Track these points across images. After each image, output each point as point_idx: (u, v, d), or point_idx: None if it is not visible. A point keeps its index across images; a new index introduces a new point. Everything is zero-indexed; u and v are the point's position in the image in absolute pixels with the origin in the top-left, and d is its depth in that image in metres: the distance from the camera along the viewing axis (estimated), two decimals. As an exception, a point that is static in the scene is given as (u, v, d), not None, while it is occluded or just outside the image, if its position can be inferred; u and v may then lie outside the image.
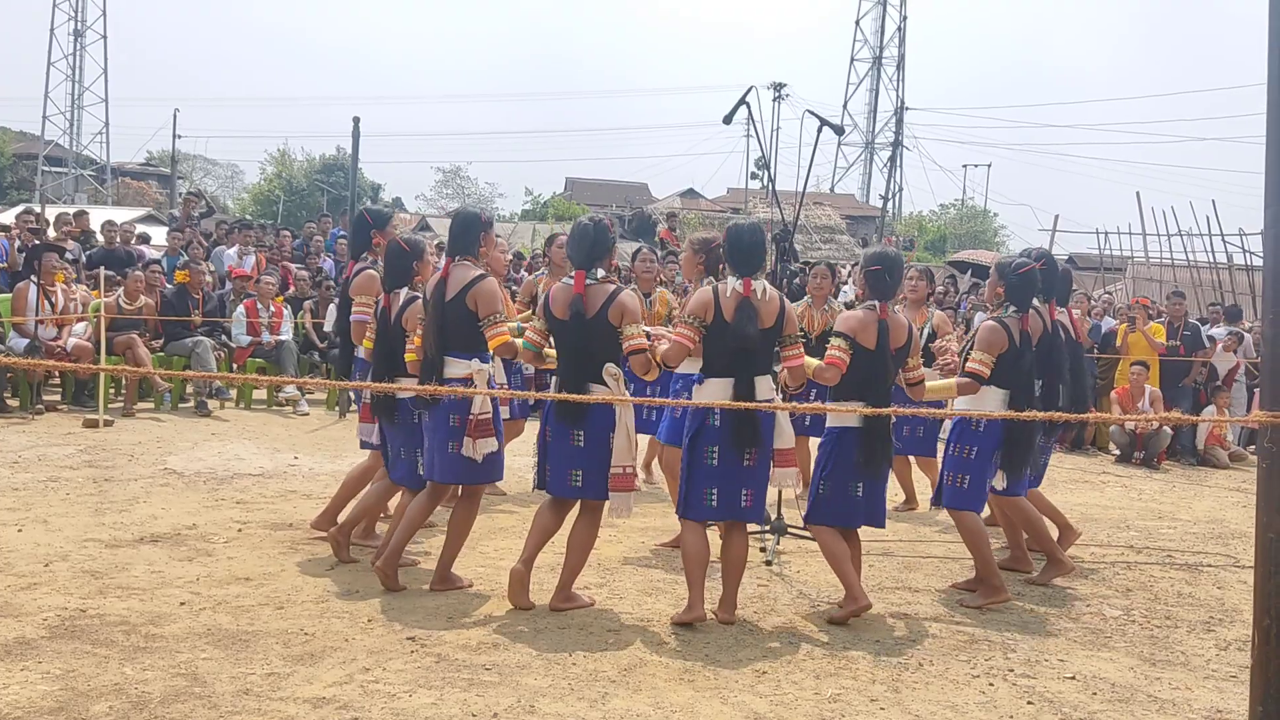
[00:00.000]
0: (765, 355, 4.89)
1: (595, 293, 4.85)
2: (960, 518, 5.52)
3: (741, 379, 4.79)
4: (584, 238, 4.93)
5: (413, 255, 5.49)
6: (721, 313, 4.79)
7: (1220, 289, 19.98)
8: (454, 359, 5.06)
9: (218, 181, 64.74)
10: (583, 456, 4.86)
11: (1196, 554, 7.01)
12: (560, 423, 4.87)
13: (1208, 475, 10.96)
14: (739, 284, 4.81)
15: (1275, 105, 2.58)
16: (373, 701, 3.79)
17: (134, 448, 8.57)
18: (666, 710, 3.85)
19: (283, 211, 45.50)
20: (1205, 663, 4.73)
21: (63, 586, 4.95)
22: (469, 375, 5.05)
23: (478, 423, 5.00)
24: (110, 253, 12.75)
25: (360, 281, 5.96)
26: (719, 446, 4.80)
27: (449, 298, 5.04)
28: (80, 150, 56.78)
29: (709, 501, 4.85)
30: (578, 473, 4.87)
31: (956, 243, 48.19)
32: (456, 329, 5.04)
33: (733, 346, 4.77)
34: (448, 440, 5.05)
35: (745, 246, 4.91)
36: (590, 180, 56.46)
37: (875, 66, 60.93)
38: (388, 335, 5.40)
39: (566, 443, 4.87)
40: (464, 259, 5.15)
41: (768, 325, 4.82)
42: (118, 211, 23.77)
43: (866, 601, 4.96)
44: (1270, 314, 2.61)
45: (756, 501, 4.92)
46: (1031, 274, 5.59)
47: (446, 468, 5.10)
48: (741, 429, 4.76)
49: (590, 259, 4.91)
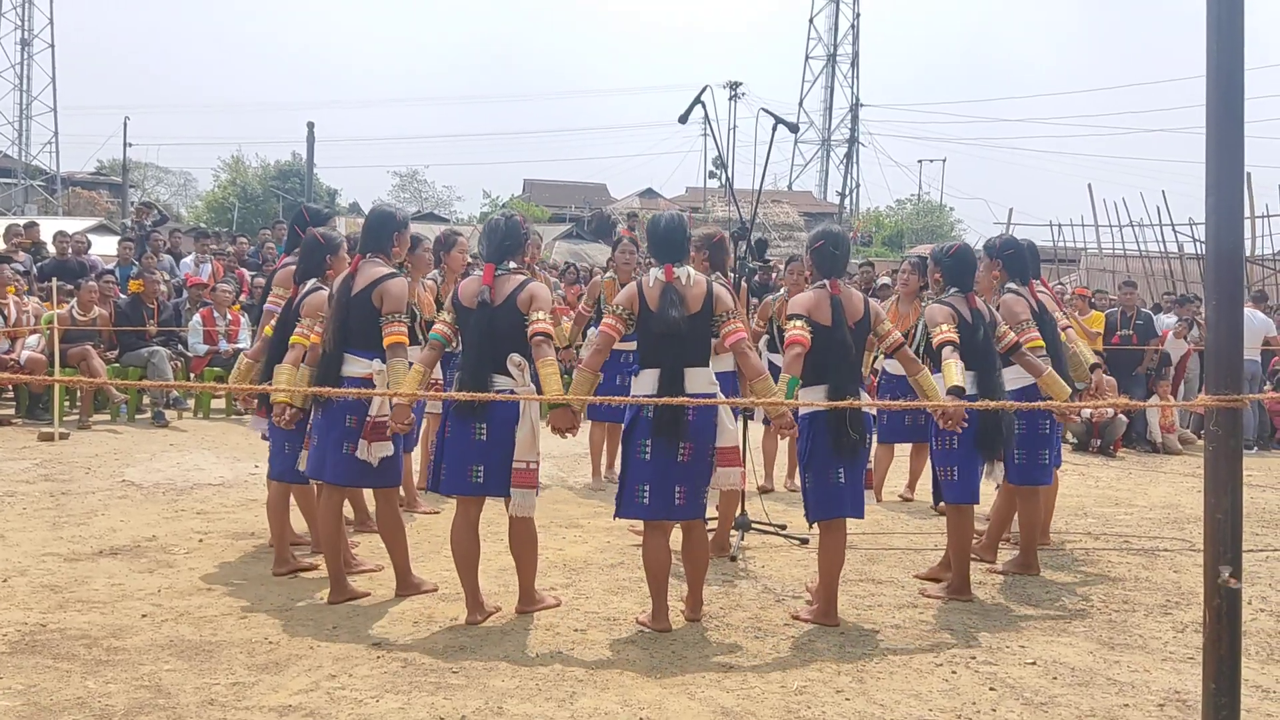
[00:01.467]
0: (697, 345, 4.75)
1: (504, 282, 4.81)
2: (954, 512, 5.48)
3: (668, 369, 4.69)
4: (494, 231, 4.93)
5: (327, 249, 5.51)
6: (645, 301, 4.74)
7: (1172, 278, 20.31)
8: (354, 356, 4.98)
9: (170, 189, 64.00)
10: (484, 450, 4.73)
11: (1153, 539, 7.13)
12: (460, 416, 4.75)
13: (1163, 462, 11.14)
14: (660, 272, 4.77)
15: (1214, 96, 2.64)
16: (339, 708, 3.78)
17: (91, 460, 8.47)
18: (634, 708, 3.87)
19: (238, 219, 45.07)
20: (1163, 645, 4.81)
21: (22, 602, 4.89)
22: (369, 375, 4.97)
23: (374, 425, 4.90)
24: (62, 263, 12.59)
25: (280, 274, 6.01)
26: (650, 440, 4.67)
27: (355, 292, 4.97)
28: (29, 160, 55.97)
29: (640, 498, 4.71)
30: (479, 468, 4.73)
31: (914, 238, 48.54)
32: (358, 326, 4.96)
33: (658, 333, 4.69)
34: (342, 440, 4.95)
35: (662, 235, 4.86)
36: (548, 182, 56.36)
37: (830, 64, 61.34)
38: (285, 325, 5.40)
39: (468, 437, 4.74)
40: (375, 256, 5.10)
41: (694, 310, 4.72)
42: (69, 222, 23.48)
43: (836, 621, 4.92)
44: (1214, 300, 2.67)
45: (690, 499, 4.73)
46: (963, 253, 5.61)
47: (339, 469, 5.00)
48: (662, 421, 4.62)
49: (500, 252, 4.88)
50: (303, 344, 5.24)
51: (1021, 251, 6.00)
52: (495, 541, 5.81)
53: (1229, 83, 2.64)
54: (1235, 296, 2.68)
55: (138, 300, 11.40)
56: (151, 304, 11.51)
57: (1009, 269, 5.90)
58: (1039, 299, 5.94)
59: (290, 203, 46.76)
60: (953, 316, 5.36)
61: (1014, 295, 5.77)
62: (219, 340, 11.53)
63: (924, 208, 57.31)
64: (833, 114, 61.84)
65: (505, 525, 4.92)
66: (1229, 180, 2.65)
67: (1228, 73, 2.65)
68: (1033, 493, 5.90)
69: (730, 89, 48.72)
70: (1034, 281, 6.08)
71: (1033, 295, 5.89)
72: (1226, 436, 2.72)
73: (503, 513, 4.88)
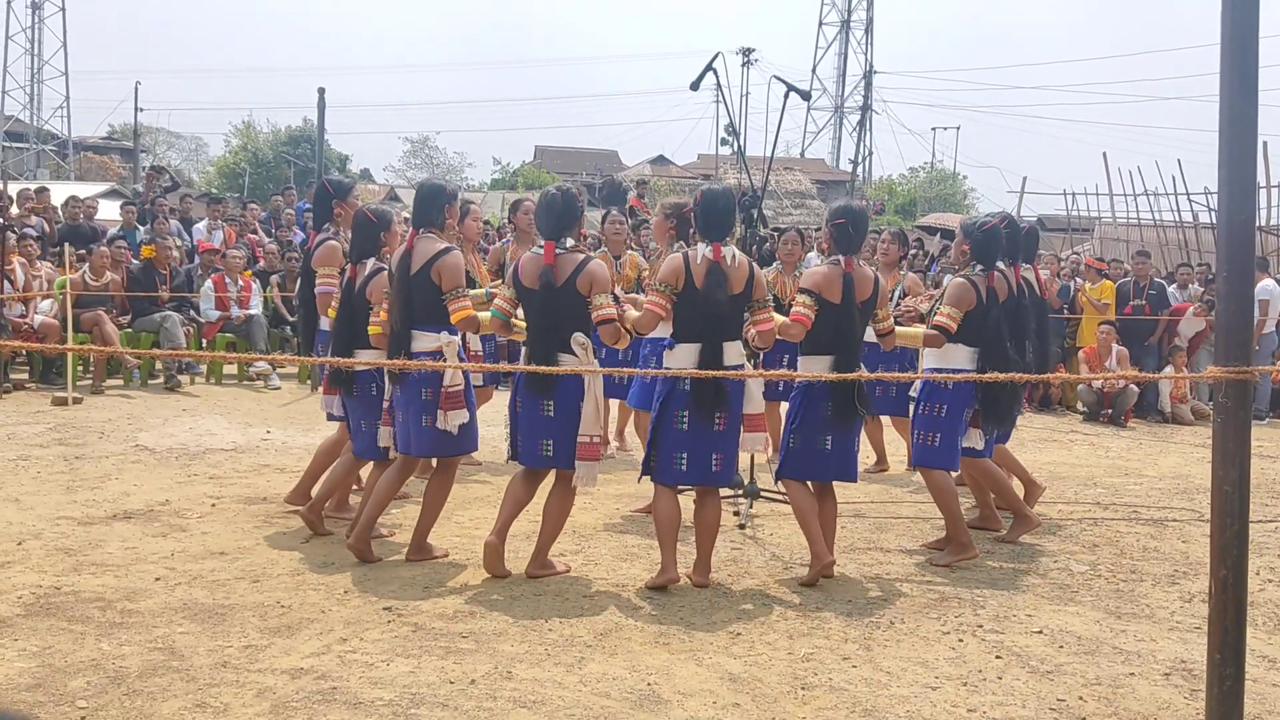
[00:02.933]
0: (734, 321, 4.91)
1: (564, 262, 4.86)
2: (930, 475, 5.58)
3: (709, 344, 4.80)
4: (552, 207, 4.93)
5: (380, 226, 5.47)
6: (692, 279, 4.80)
7: (1186, 248, 20.16)
8: (421, 332, 5.06)
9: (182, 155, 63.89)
10: (553, 426, 4.87)
11: (1162, 509, 7.13)
12: (530, 393, 4.89)
13: (1174, 432, 11.12)
14: (709, 250, 4.82)
15: (1228, 66, 2.62)
16: (350, 671, 3.82)
17: (104, 425, 8.53)
18: (642, 673, 3.90)
19: (249, 184, 45.04)
20: (1169, 615, 4.83)
21: (37, 564, 4.95)
22: (438, 348, 5.06)
23: (448, 395, 5.00)
24: (74, 228, 12.61)
25: (321, 253, 5.90)
26: (688, 411, 4.83)
27: (414, 271, 5.02)
28: (41, 125, 55.92)
29: (679, 465, 4.87)
30: (549, 442, 4.88)
31: (926, 206, 48.27)
32: (423, 302, 5.03)
33: (702, 312, 4.79)
34: (421, 414, 5.05)
35: (718, 212, 4.91)
36: (559, 148, 56.16)
37: (843, 30, 60.75)
38: (350, 306, 5.40)
39: (536, 413, 4.88)
40: (429, 231, 5.13)
41: (737, 291, 4.84)
42: (80, 186, 23.48)
43: (830, 559, 5.03)
44: (1225, 272, 2.66)
45: (726, 466, 4.94)
46: (995, 231, 5.62)
47: (422, 441, 5.10)
48: (705, 394, 4.77)
49: (559, 228, 4.91)
50: (379, 333, 5.26)
51: (993, 236, 5.74)
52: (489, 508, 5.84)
53: (1243, 53, 2.62)
54: (1246, 269, 2.67)
55: (150, 266, 11.43)
56: (164, 269, 11.54)
57: (975, 253, 5.75)
58: (1022, 281, 5.89)
59: (301, 168, 46.73)
60: (968, 301, 5.46)
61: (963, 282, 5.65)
62: (231, 306, 11.56)
63: (937, 176, 56.96)
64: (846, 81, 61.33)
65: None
66: (1242, 152, 2.63)
67: (1241, 42, 2.62)
68: (972, 463, 5.89)
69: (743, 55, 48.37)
70: (1019, 265, 6.01)
71: (1016, 277, 5.84)
72: (1235, 408, 2.72)
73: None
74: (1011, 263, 5.87)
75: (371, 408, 5.34)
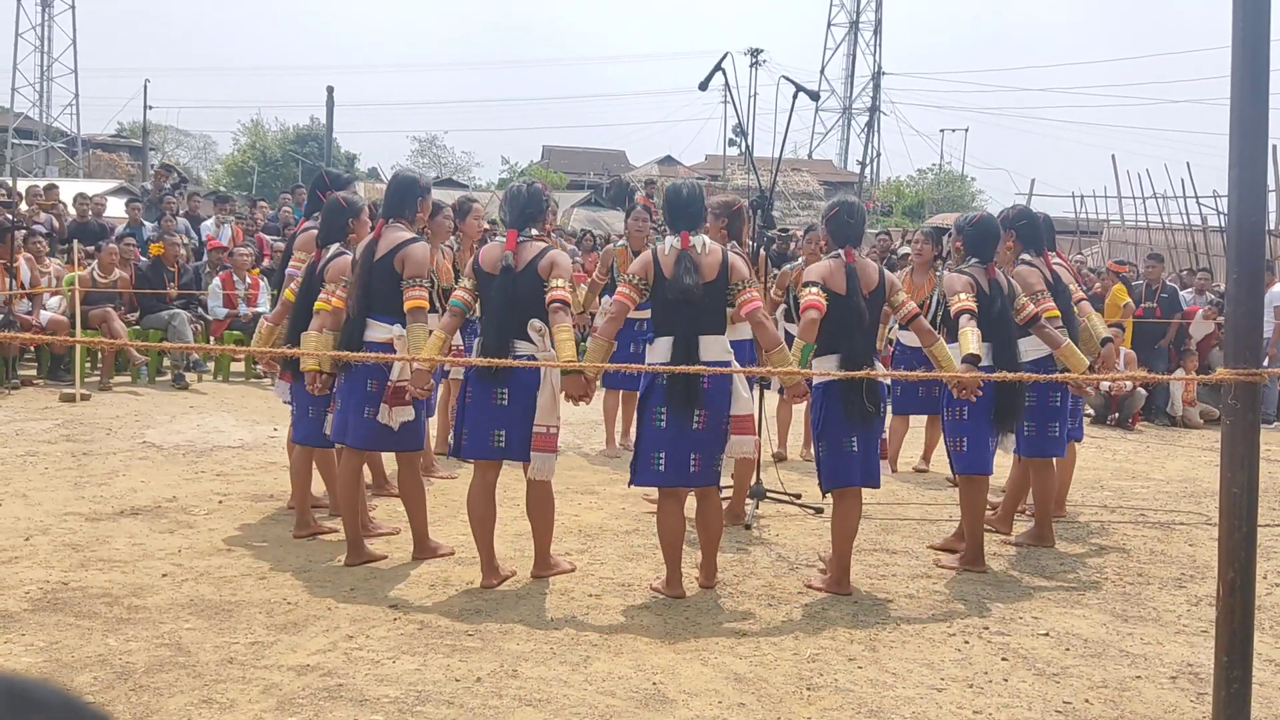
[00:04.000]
0: (712, 313, 4.74)
1: (526, 249, 4.82)
2: (967, 482, 5.46)
3: (682, 336, 4.67)
4: (516, 198, 4.92)
5: (349, 213, 5.52)
6: (661, 270, 4.73)
7: (1195, 251, 20.12)
8: (376, 321, 5.02)
9: (190, 153, 64.10)
10: (506, 415, 4.75)
11: (1169, 512, 7.11)
12: (481, 381, 4.77)
13: (1181, 435, 11.09)
14: (676, 240, 4.76)
15: (1239, 69, 2.61)
16: (356, 668, 3.83)
17: (112, 421, 8.55)
18: (648, 672, 3.90)
19: (257, 183, 45.13)
20: (1176, 618, 4.82)
21: (44, 560, 4.96)
22: (390, 340, 5.00)
23: (394, 390, 4.94)
24: (83, 226, 12.64)
25: (301, 239, 6.00)
26: (665, 407, 4.68)
27: (377, 257, 5.00)
28: (50, 122, 56.07)
29: (656, 465, 4.72)
30: (500, 433, 4.76)
31: (934, 207, 48.23)
32: (381, 291, 4.99)
33: (673, 300, 4.68)
34: (363, 405, 4.99)
35: (683, 202, 4.83)
36: (567, 148, 56.17)
37: (852, 31, 60.78)
38: (309, 289, 5.41)
39: (488, 401, 4.76)
40: (397, 221, 5.11)
41: (710, 278, 4.70)
42: (89, 184, 23.55)
43: (849, 590, 4.93)
44: (1234, 274, 2.65)
45: (705, 467, 4.73)
46: (986, 223, 5.58)
47: (359, 433, 5.04)
48: (676, 390, 4.62)
49: (522, 219, 4.88)
50: (326, 309, 5.25)
51: (1035, 222, 5.99)
52: (511, 507, 5.87)
53: (1254, 55, 2.61)
54: (1256, 272, 2.66)
55: (158, 263, 11.44)
56: (172, 267, 11.55)
57: (1023, 239, 5.89)
58: (1054, 270, 5.92)
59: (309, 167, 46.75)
60: (971, 286, 5.32)
61: (1028, 266, 5.74)
62: (238, 304, 11.58)
63: (945, 177, 56.90)
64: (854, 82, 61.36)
65: (522, 491, 4.96)
66: (1252, 155, 2.63)
67: (1253, 46, 2.61)
68: (1045, 465, 5.89)
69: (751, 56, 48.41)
70: (1049, 253, 6.05)
71: (1047, 266, 5.87)
72: (1245, 411, 2.71)
73: (520, 478, 4.91)
74: (1039, 253, 5.88)
75: (319, 395, 5.31)
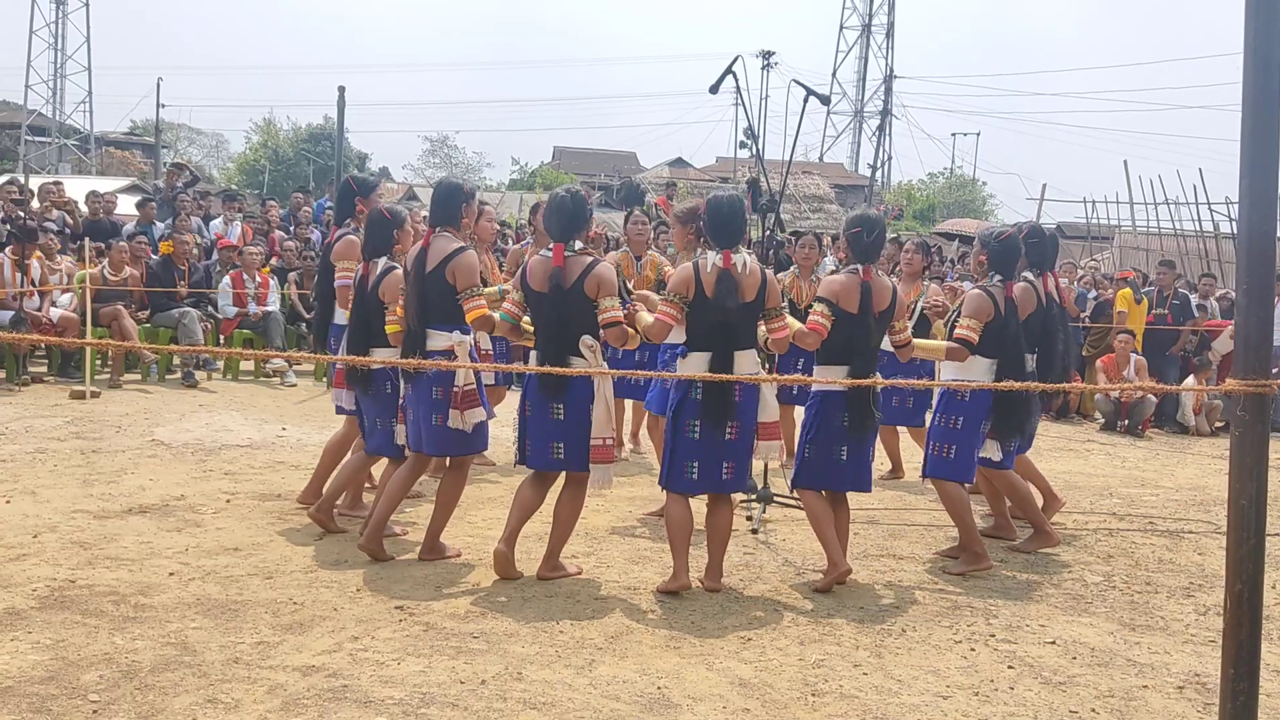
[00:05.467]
0: (747, 329, 4.88)
1: (573, 265, 4.84)
2: (943, 487, 5.55)
3: (719, 353, 4.79)
4: (561, 209, 4.92)
5: (393, 224, 5.50)
6: (703, 287, 4.78)
7: (1207, 258, 20.04)
8: (436, 331, 5.07)
9: (203, 151, 64.18)
10: (563, 429, 4.86)
11: (1178, 521, 7.08)
12: (540, 395, 4.87)
13: (1192, 443, 11.04)
14: (719, 257, 4.80)
15: (1252, 75, 2.59)
16: (361, 669, 3.83)
17: (121, 419, 8.57)
18: (652, 676, 3.90)
19: (269, 181, 45.22)
20: (1184, 627, 4.80)
21: (51, 557, 4.97)
22: (450, 347, 5.06)
23: (464, 394, 5.01)
24: (95, 223, 12.67)
25: (341, 247, 5.97)
26: (700, 420, 4.82)
27: (429, 269, 5.02)
28: (64, 119, 56.24)
29: (690, 474, 4.87)
30: (559, 445, 4.87)
31: (945, 212, 48.15)
32: (437, 301, 5.04)
33: (714, 320, 4.77)
34: (432, 413, 5.06)
35: (724, 218, 4.88)
36: (578, 149, 56.15)
37: (864, 34, 60.63)
38: (364, 304, 5.41)
39: (547, 416, 4.87)
40: (445, 230, 5.14)
41: (749, 299, 4.81)
42: (102, 181, 23.62)
43: (846, 567, 5.01)
44: (1244, 284, 2.64)
45: (737, 473, 4.94)
46: (1012, 241, 5.64)
47: (433, 440, 5.11)
48: (718, 404, 4.77)
49: (568, 231, 4.90)
50: (398, 330, 5.26)
51: (1044, 242, 5.97)
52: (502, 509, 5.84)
53: (1265, 61, 2.59)
54: (1267, 281, 2.64)
55: (169, 261, 11.47)
56: (182, 265, 11.58)
57: (1029, 257, 5.85)
58: (1049, 290, 5.90)
59: (321, 166, 46.89)
60: (987, 312, 5.45)
61: (981, 293, 5.64)
62: (248, 302, 11.60)
63: (956, 181, 56.78)
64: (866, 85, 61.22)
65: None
66: (1263, 163, 2.61)
67: (1265, 52, 2.60)
68: (995, 474, 5.90)
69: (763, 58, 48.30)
70: (1048, 274, 6.02)
71: (1044, 286, 5.86)
72: (1254, 422, 2.69)
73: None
74: (1040, 273, 5.87)
75: (387, 405, 5.35)
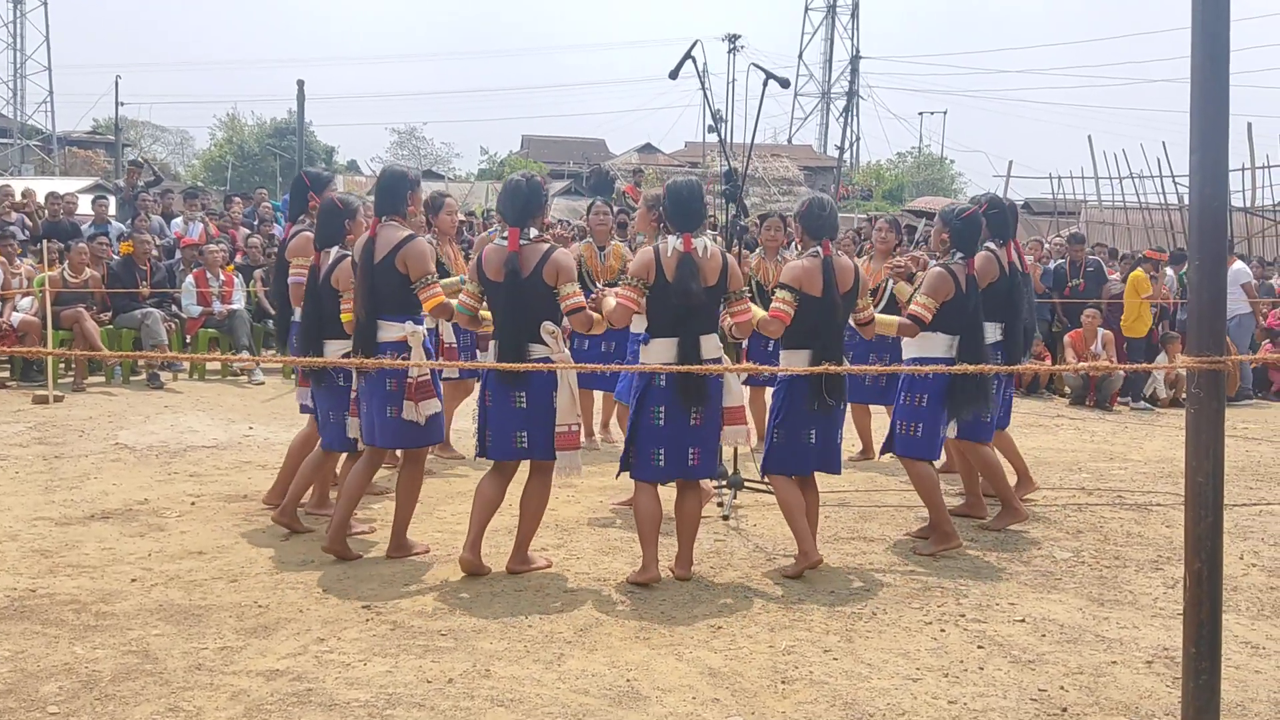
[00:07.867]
0: (710, 313, 4.86)
1: (529, 252, 4.79)
2: (911, 465, 5.55)
3: (686, 338, 4.76)
4: (516, 194, 4.85)
5: (345, 214, 5.45)
6: (663, 272, 4.75)
7: (1171, 230, 20.19)
8: (387, 322, 5.01)
9: (167, 148, 63.40)
10: (526, 417, 4.80)
11: (1146, 494, 7.13)
12: (501, 384, 4.82)
13: (1159, 416, 11.12)
14: (679, 242, 4.77)
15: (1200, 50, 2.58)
16: (327, 672, 3.79)
17: (85, 423, 8.47)
18: (622, 669, 3.87)
19: (234, 177, 44.80)
20: (1153, 601, 4.82)
21: (12, 566, 4.90)
22: (403, 338, 5.01)
23: (418, 385, 4.95)
24: (55, 225, 12.50)
25: (296, 243, 5.88)
26: (665, 406, 4.78)
27: (378, 259, 4.95)
28: (25, 120, 55.51)
29: (656, 461, 4.83)
30: (522, 434, 4.82)
31: (914, 191, 48.23)
32: (388, 292, 4.97)
33: (675, 305, 4.73)
34: (386, 405, 4.99)
35: (684, 202, 4.85)
36: (547, 138, 55.85)
37: (829, 15, 60.64)
38: (316, 295, 5.35)
39: (509, 405, 4.81)
40: (391, 219, 5.07)
41: (711, 283, 4.78)
42: (65, 182, 23.32)
43: (817, 556, 4.99)
44: (1197, 260, 2.63)
45: (704, 459, 4.91)
46: (974, 219, 5.66)
47: (387, 433, 5.04)
48: (688, 389, 4.74)
49: (523, 216, 4.83)
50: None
51: (1004, 211, 6.09)
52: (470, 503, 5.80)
53: (1214, 38, 2.59)
54: (1219, 256, 2.64)
55: (130, 261, 11.31)
56: (144, 265, 11.43)
57: (990, 228, 5.91)
58: (1012, 259, 5.95)
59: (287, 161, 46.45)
60: (946, 291, 5.45)
61: (941, 271, 5.64)
62: (213, 301, 11.47)
63: (924, 161, 56.92)
64: (832, 66, 61.25)
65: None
66: (1213, 138, 2.60)
67: (1213, 28, 2.59)
68: (970, 448, 5.91)
69: (729, 42, 48.20)
70: (1010, 243, 6.05)
71: (1007, 255, 5.91)
72: (1208, 399, 2.69)
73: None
74: (1003, 242, 5.91)
75: (339, 398, 5.29)
